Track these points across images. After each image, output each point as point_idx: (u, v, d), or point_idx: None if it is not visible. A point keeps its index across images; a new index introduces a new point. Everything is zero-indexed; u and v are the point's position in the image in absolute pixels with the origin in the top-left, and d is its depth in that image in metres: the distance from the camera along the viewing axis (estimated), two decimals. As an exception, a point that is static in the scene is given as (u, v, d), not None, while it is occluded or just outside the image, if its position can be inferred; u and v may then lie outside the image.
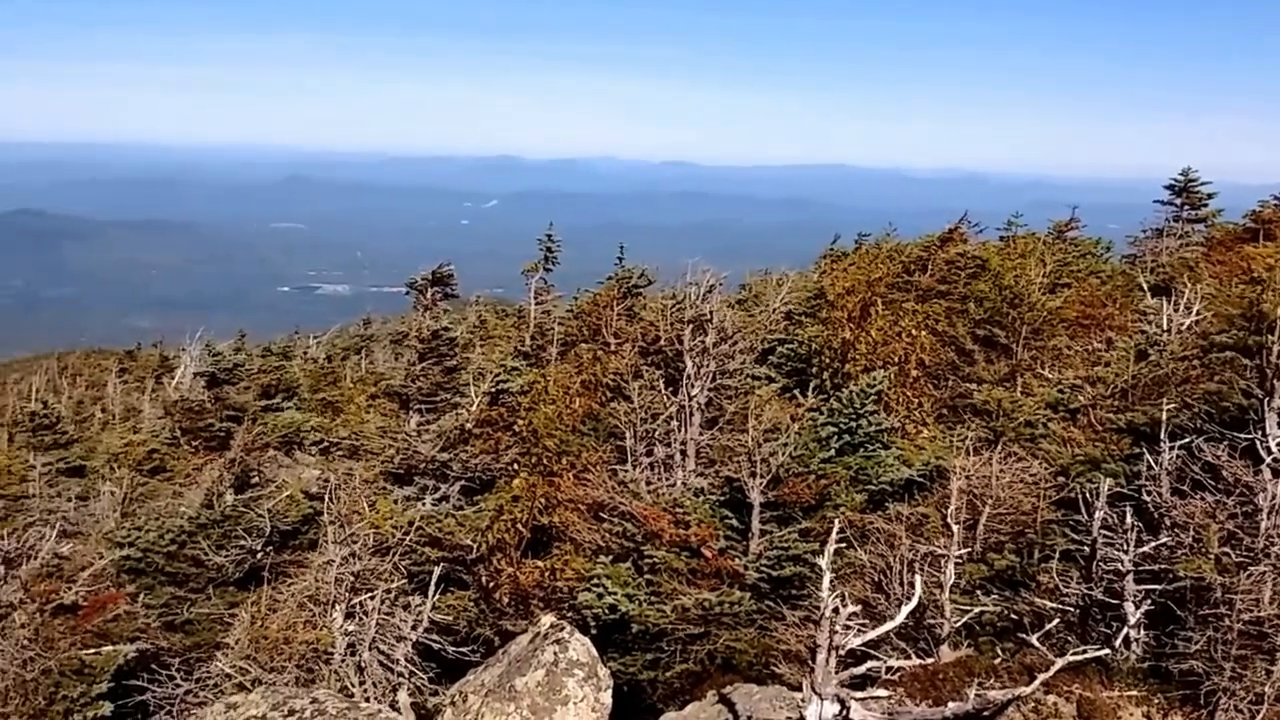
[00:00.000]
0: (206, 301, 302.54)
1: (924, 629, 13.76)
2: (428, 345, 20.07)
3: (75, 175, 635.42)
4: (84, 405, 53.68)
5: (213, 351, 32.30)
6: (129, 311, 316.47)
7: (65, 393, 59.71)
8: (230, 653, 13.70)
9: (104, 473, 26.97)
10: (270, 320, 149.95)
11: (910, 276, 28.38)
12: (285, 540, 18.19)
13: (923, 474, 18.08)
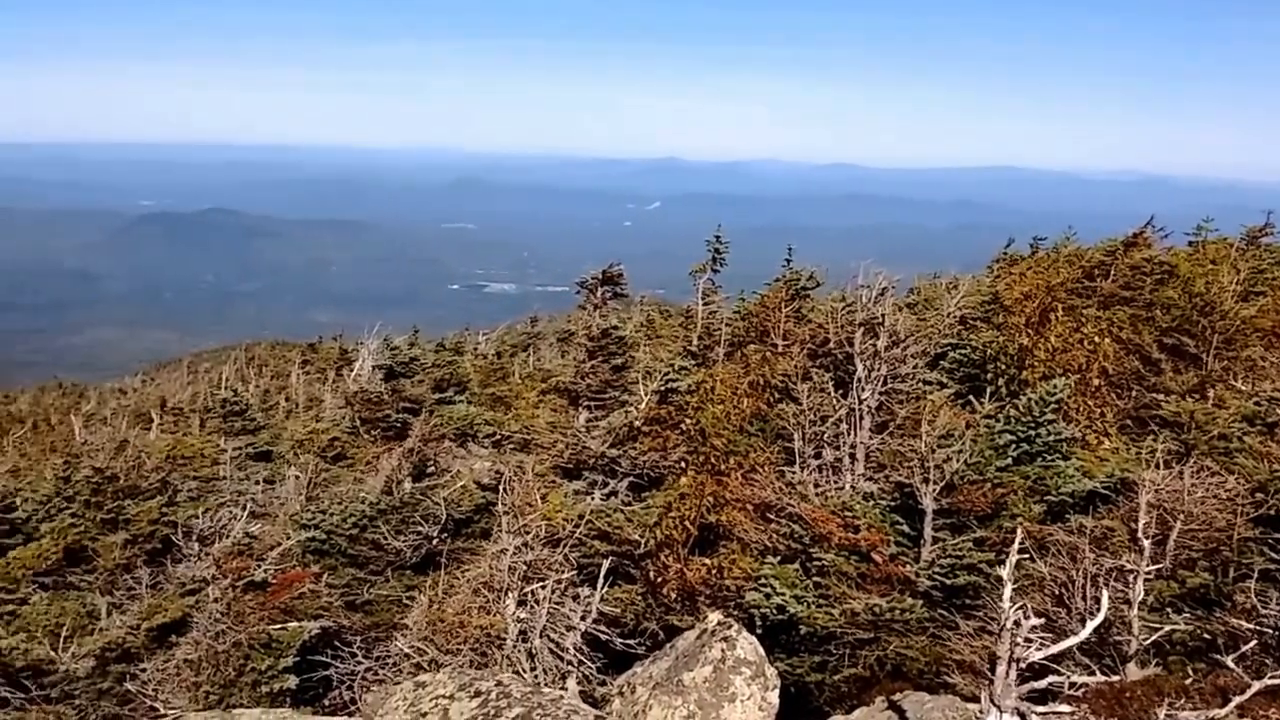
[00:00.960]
0: (382, 298, 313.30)
1: (1109, 646, 13.30)
2: (597, 343, 20.37)
3: (266, 176, 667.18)
4: (270, 394, 56.39)
5: (390, 346, 33.45)
6: (311, 306, 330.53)
7: (252, 382, 62.91)
8: (409, 633, 14.23)
9: (289, 458, 28.20)
10: (441, 317, 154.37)
11: (1091, 282, 27.39)
12: (459, 528, 18.76)
13: (1106, 486, 17.43)
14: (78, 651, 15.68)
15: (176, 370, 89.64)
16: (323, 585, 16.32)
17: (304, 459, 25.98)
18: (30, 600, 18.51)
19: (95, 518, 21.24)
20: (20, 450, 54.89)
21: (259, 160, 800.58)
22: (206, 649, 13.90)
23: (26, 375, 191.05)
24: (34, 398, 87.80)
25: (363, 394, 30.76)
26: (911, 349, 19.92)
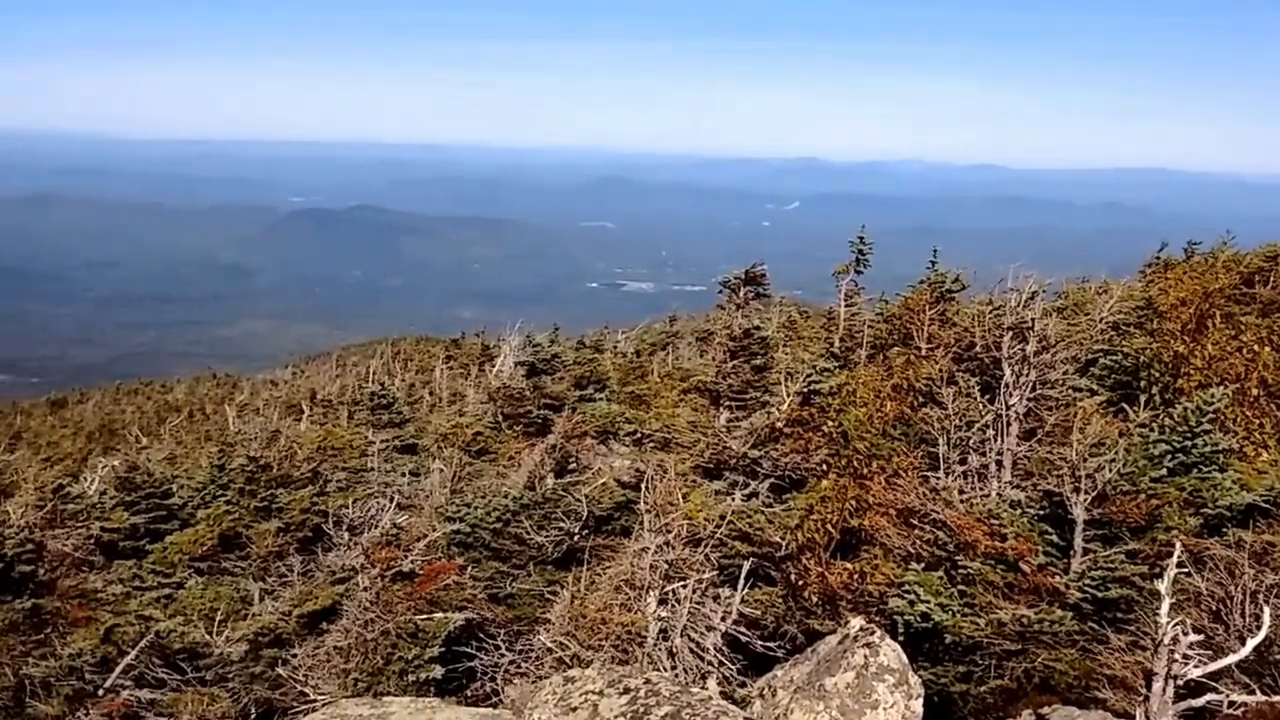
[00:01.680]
0: (522, 295, 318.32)
1: (1270, 665, 12.65)
2: (739, 343, 20.26)
3: (413, 174, 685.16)
4: (415, 388, 57.77)
5: (533, 342, 33.90)
6: (454, 302, 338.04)
7: (398, 376, 64.56)
8: (551, 628, 14.38)
9: (433, 451, 28.78)
10: (579, 315, 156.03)
11: (1250, 288, 26.14)
12: (599, 525, 18.90)
13: (1265, 499, 16.61)
14: (232, 636, 16.28)
15: (325, 363, 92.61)
16: (467, 577, 16.61)
17: (448, 453, 26.50)
18: (187, 585, 19.31)
19: (249, 505, 22.07)
20: (177, 438, 57.44)
21: (407, 158, 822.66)
22: (356, 636, 14.27)
23: (184, 365, 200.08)
24: (189, 387, 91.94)
25: (505, 390, 31.31)
26: (1061, 354, 19.30)
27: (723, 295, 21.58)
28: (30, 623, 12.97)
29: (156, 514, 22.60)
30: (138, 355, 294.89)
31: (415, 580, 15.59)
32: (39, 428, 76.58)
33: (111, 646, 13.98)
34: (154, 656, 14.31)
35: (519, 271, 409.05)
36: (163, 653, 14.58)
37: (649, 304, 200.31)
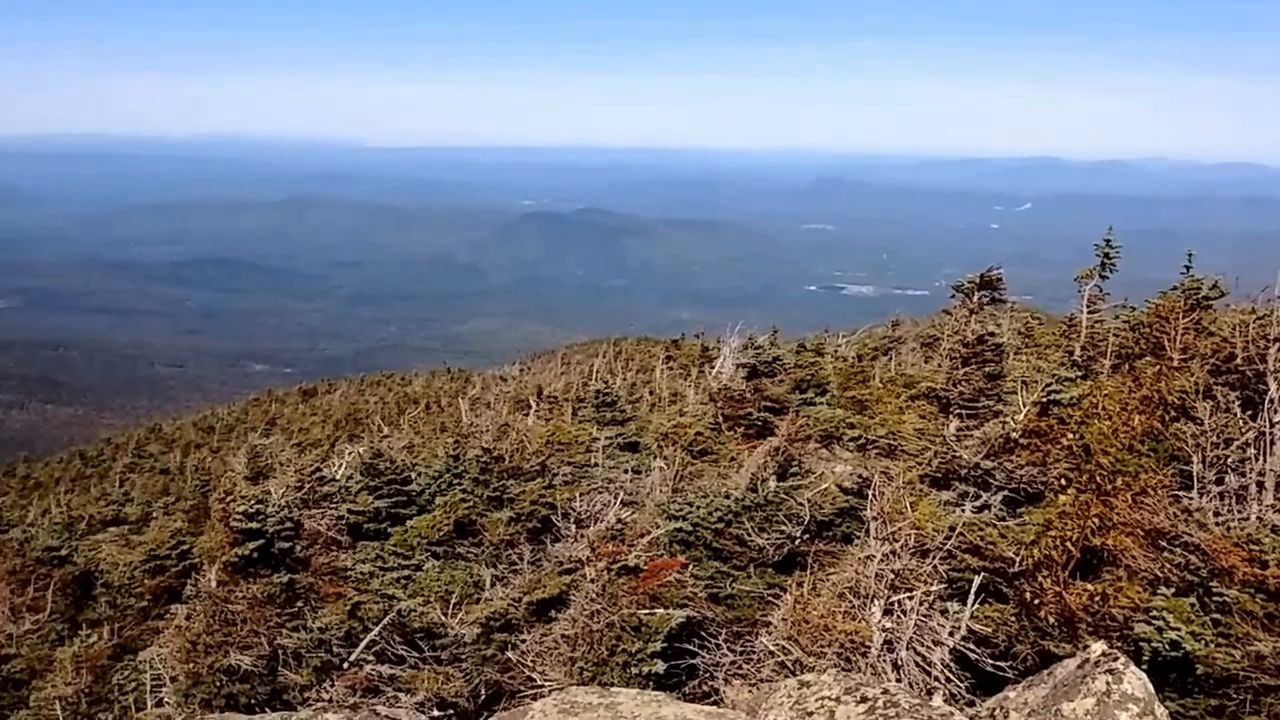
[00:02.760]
0: (740, 297, 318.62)
1: None
2: (971, 349, 19.60)
3: (637, 178, 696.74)
4: (636, 387, 58.65)
5: (754, 345, 33.81)
6: (674, 303, 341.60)
7: (620, 375, 65.73)
8: (773, 631, 14.30)
9: (654, 449, 29.09)
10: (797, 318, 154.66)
11: None
12: (821, 530, 18.67)
13: None
14: (465, 618, 16.91)
15: (551, 361, 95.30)
16: (688, 576, 16.70)
17: (669, 452, 26.77)
18: (424, 567, 20.22)
19: (482, 495, 22.90)
20: (415, 428, 60.33)
21: (631, 163, 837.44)
22: (582, 627, 14.57)
23: (422, 360, 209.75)
24: (427, 381, 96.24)
25: (725, 391, 31.34)
26: (1335, 369, 17.80)
27: (953, 300, 20.89)
28: (285, 596, 13.85)
29: (397, 499, 23.80)
30: (380, 349, 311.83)
31: (639, 575, 15.77)
32: (291, 414, 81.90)
33: (357, 622, 14.76)
34: (395, 633, 15.03)
35: (737, 274, 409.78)
36: (403, 630, 15.29)
37: (869, 308, 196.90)
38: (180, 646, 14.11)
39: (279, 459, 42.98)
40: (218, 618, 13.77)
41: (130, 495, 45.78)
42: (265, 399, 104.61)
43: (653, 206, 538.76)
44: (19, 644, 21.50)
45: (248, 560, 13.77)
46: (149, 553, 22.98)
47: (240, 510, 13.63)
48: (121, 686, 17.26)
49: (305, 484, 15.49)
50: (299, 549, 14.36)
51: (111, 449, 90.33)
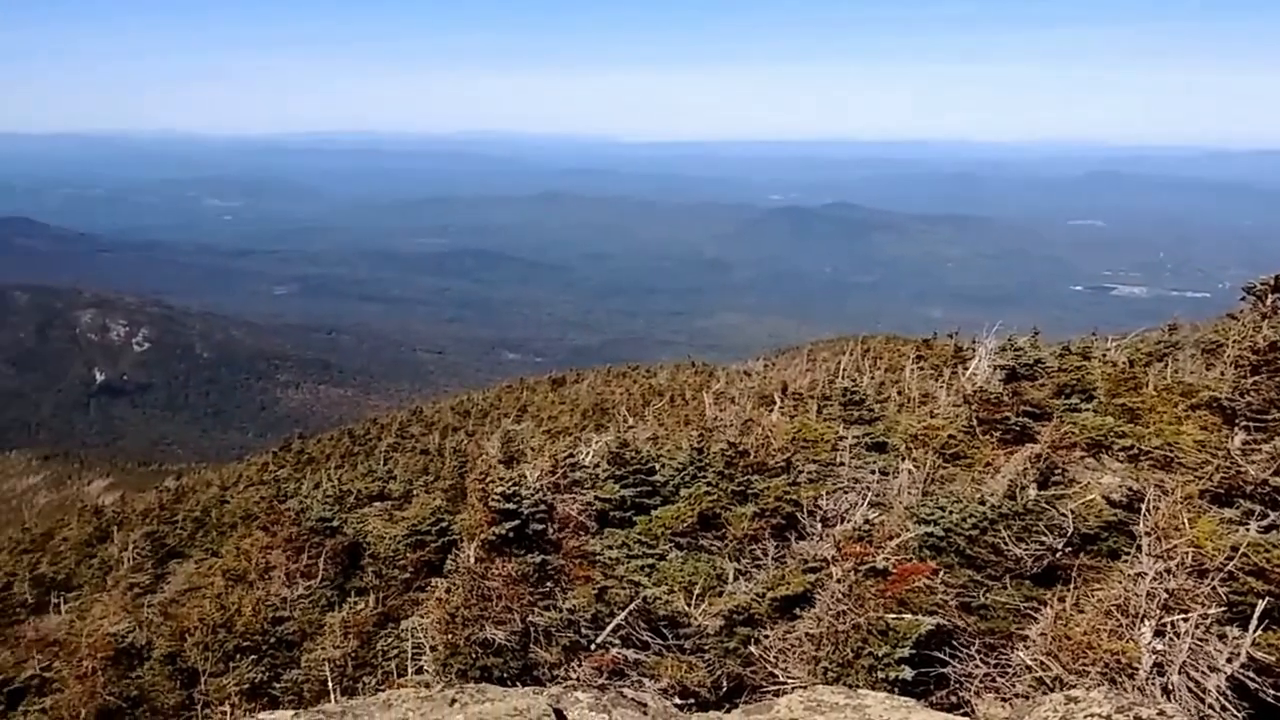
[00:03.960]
0: (997, 296, 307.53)
1: None
2: (1262, 357, 18.09)
3: (890, 171, 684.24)
4: (884, 386, 57.46)
5: (1014, 346, 32.44)
6: (924, 300, 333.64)
7: (867, 373, 64.54)
8: (1031, 646, 13.65)
9: (903, 451, 28.39)
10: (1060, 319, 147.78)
11: None
12: (1085, 543, 17.68)
13: None
14: (708, 610, 16.98)
15: (795, 357, 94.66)
16: (938, 582, 16.18)
17: (919, 454, 26.04)
18: (668, 557, 20.45)
19: (727, 489, 22.94)
20: (659, 420, 61.15)
21: (884, 156, 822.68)
22: (827, 626, 14.35)
23: (666, 352, 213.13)
24: (671, 373, 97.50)
25: (981, 393, 30.19)
26: None
27: (1242, 303, 19.34)
28: (538, 575, 14.27)
29: (642, 489, 24.18)
30: (627, 341, 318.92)
31: (887, 578, 15.40)
32: (541, 402, 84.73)
33: (604, 606, 15.05)
34: (640, 620, 15.24)
35: (995, 271, 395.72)
36: (648, 617, 15.49)
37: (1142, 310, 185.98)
38: (440, 618, 14.76)
39: (530, 444, 44.58)
40: (475, 593, 14.32)
41: (393, 473, 48.49)
42: (517, 386, 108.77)
43: (905, 201, 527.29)
44: (292, 607, 23.10)
45: (504, 539, 14.27)
46: (411, 527, 24.22)
47: (498, 491, 14.13)
48: (385, 652, 18.27)
49: (558, 469, 15.95)
50: (551, 531, 14.75)
51: (377, 429, 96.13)
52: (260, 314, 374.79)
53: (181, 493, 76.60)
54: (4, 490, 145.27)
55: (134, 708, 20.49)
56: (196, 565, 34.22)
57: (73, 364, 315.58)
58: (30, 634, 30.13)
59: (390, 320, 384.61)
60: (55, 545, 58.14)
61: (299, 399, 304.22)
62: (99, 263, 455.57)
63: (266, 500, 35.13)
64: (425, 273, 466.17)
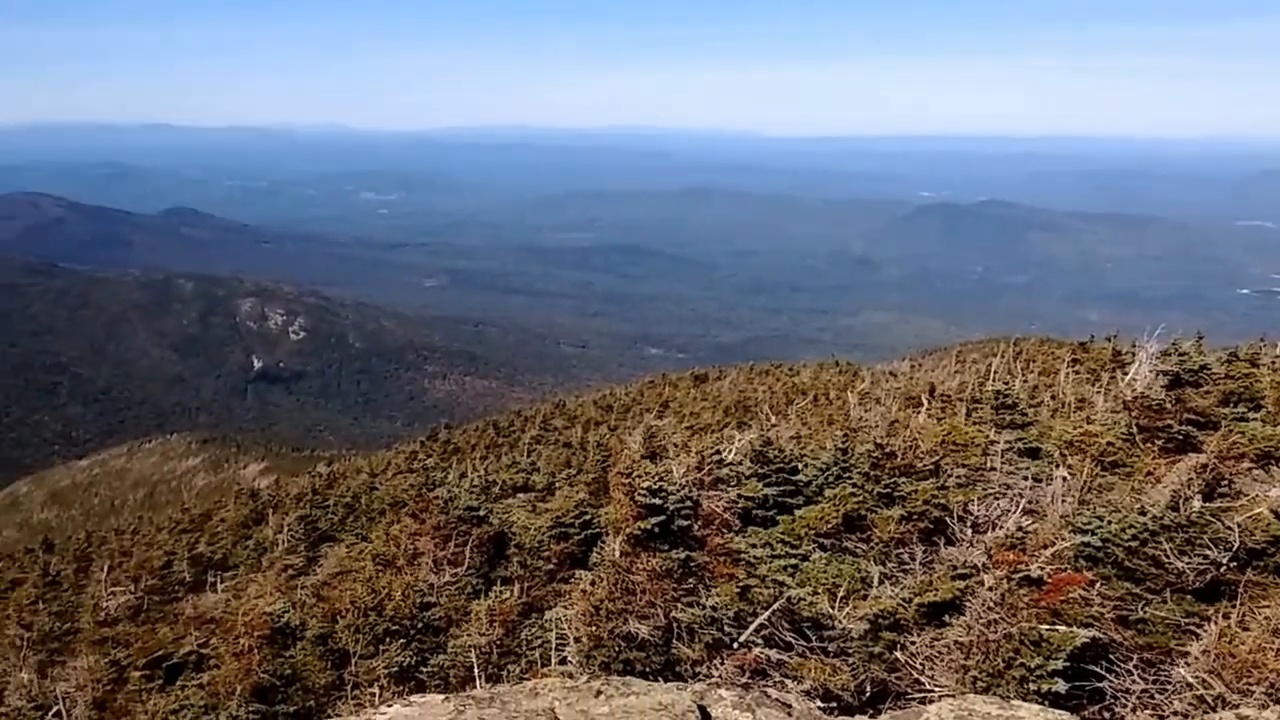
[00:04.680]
0: (1158, 298, 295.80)
1: None
2: None
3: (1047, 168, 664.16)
4: (1037, 390, 55.85)
5: (1178, 351, 31.15)
6: (1080, 302, 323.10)
7: (1019, 376, 62.80)
8: (1193, 663, 13.10)
9: (1057, 458, 27.54)
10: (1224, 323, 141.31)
11: None
12: (1251, 558, 16.85)
13: None
14: (853, 613, 16.76)
15: (943, 358, 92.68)
16: (1094, 593, 15.64)
17: (1074, 461, 25.23)
18: (811, 557, 20.24)
19: (873, 491, 22.60)
20: (802, 419, 60.63)
21: (1041, 152, 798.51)
22: (977, 635, 14.01)
23: (810, 350, 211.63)
24: (814, 372, 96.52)
25: (1142, 400, 29.06)
26: None
27: None
28: (682, 571, 14.32)
29: (785, 488, 24.01)
30: (770, 338, 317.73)
31: (1040, 588, 14.97)
32: (683, 398, 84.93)
33: (747, 604, 15.02)
34: (783, 619, 15.15)
35: (1157, 273, 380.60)
36: (791, 618, 15.39)
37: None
38: (584, 610, 14.95)
39: (672, 440, 44.75)
40: (620, 586, 14.46)
41: (536, 465, 49.26)
42: (659, 382, 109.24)
43: (1063, 198, 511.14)
44: (439, 594, 23.70)
45: (649, 534, 14.37)
46: (555, 519, 24.59)
47: (644, 486, 14.24)
48: (529, 642, 18.59)
49: (704, 465, 15.97)
50: (696, 528, 14.79)
51: (521, 421, 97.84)
52: (410, 305, 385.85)
53: (333, 478, 79.33)
54: (165, 472, 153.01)
55: (287, 686, 21.31)
56: (347, 549, 35.37)
57: (232, 351, 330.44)
58: (189, 611, 31.59)
59: (535, 313, 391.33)
60: (213, 526, 60.83)
61: (445, 389, 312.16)
62: (259, 253, 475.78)
63: (415, 488, 36.17)
64: (570, 267, 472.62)
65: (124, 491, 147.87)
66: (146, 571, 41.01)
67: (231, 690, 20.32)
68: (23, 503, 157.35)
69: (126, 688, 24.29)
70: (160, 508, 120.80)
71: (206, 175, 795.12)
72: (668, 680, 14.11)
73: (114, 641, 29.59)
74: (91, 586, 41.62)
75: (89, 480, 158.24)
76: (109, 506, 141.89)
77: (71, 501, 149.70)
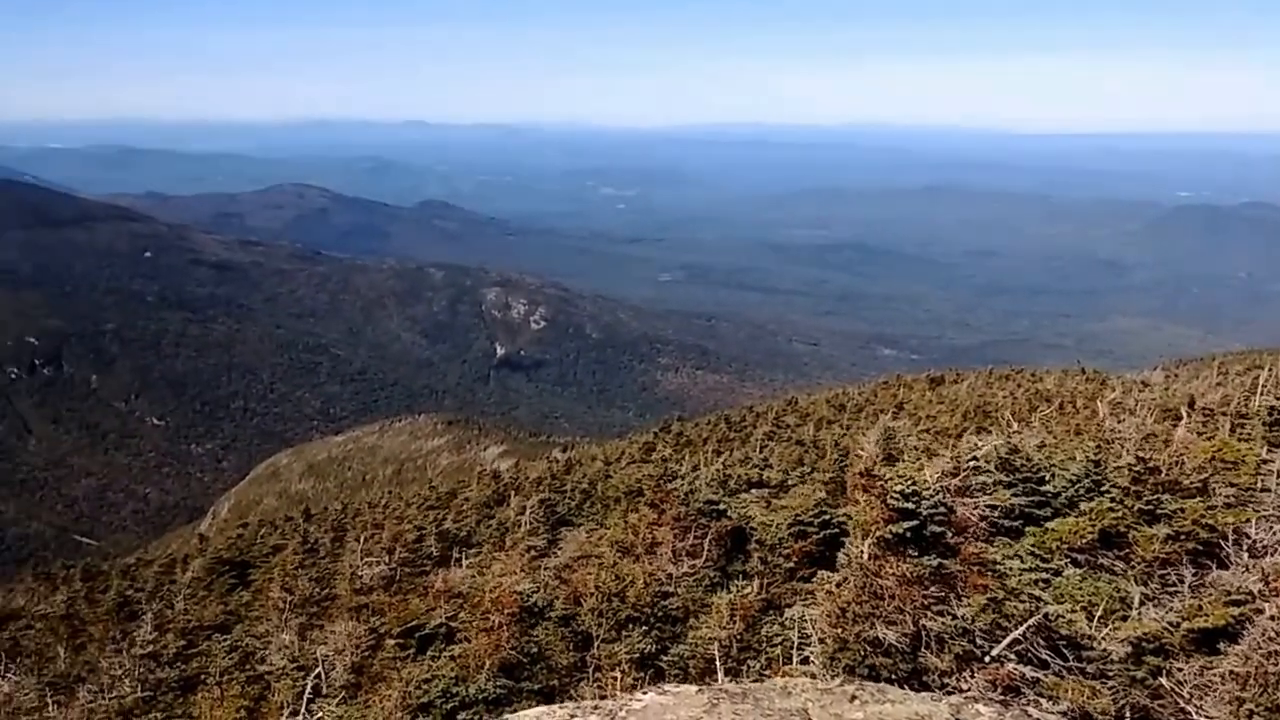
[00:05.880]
0: None
1: None
2: None
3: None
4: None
5: None
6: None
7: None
8: None
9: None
10: None
11: None
12: None
13: None
14: (1113, 634, 15.99)
15: (1202, 369, 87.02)
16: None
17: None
18: (1064, 573, 19.41)
19: (1132, 506, 21.47)
20: (1047, 427, 58.11)
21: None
22: (1255, 666, 13.13)
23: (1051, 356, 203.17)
24: (1059, 379, 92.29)
25: None
26: None
27: None
28: (933, 579, 14.02)
29: (1033, 498, 23.11)
30: (1008, 342, 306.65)
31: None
32: (919, 401, 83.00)
33: (1000, 617, 14.57)
34: (1038, 636, 14.61)
35: None
36: (1047, 635, 14.81)
37: None
38: (829, 611, 14.85)
39: (909, 443, 43.80)
40: (867, 590, 14.29)
41: (769, 461, 49.16)
42: (893, 383, 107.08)
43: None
44: (677, 584, 24.04)
45: (900, 538, 14.13)
46: (794, 517, 24.51)
47: (897, 489, 14.01)
48: (769, 638, 18.62)
49: (960, 470, 15.54)
50: (949, 535, 14.45)
51: (752, 416, 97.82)
52: (645, 298, 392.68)
53: (569, 464, 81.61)
54: (412, 450, 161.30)
55: (532, 664, 22.10)
56: (586, 535, 36.33)
57: (477, 338, 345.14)
58: (438, 585, 33.08)
59: (767, 310, 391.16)
60: (458, 504, 63.55)
61: (677, 382, 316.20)
62: (505, 245, 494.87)
63: (653, 479, 36.74)
64: (804, 264, 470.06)
65: (375, 467, 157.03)
66: (399, 544, 43.26)
67: (480, 664, 21.23)
68: (283, 473, 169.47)
69: (381, 654, 25.72)
70: (407, 484, 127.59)
71: (458, 170, 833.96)
72: (914, 689, 13.85)
73: (369, 609, 31.39)
74: (346, 555, 44.32)
75: (343, 455, 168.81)
76: (361, 480, 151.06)
77: (327, 474, 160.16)
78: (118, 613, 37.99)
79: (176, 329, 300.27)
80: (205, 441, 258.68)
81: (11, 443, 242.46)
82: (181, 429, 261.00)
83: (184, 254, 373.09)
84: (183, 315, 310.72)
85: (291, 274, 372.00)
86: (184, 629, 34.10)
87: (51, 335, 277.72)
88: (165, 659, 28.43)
